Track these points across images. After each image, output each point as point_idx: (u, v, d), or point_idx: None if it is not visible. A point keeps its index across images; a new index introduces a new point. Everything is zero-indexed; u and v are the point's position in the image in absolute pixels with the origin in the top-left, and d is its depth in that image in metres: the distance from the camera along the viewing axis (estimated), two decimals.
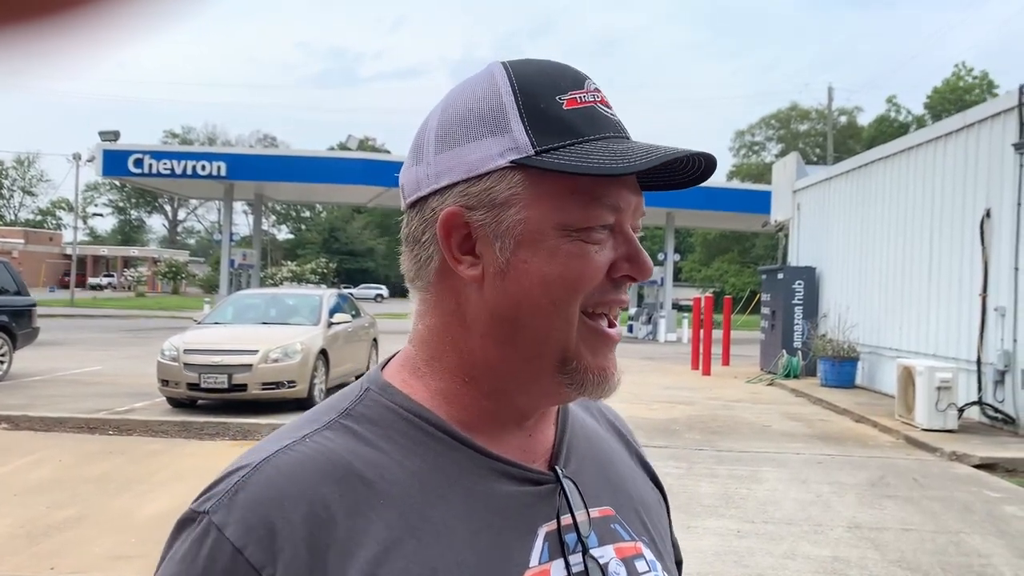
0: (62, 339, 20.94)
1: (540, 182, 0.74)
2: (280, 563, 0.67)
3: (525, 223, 0.75)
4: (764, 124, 61.01)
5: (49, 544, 5.34)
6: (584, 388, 0.77)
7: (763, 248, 52.53)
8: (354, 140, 31.91)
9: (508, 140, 0.74)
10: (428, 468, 0.75)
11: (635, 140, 0.78)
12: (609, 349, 0.79)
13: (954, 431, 10.02)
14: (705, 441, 9.50)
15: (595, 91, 0.78)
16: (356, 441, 0.75)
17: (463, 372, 0.79)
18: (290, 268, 48.22)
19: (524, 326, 0.76)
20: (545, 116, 0.74)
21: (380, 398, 0.79)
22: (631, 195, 0.78)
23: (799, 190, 19.22)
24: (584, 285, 0.75)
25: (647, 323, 30.06)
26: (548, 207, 0.74)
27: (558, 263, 0.74)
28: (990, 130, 11.21)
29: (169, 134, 79.68)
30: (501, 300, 0.76)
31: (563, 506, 0.79)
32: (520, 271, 0.75)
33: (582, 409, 0.95)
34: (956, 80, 52.81)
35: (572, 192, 0.74)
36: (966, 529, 6.25)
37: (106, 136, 27.25)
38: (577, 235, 0.75)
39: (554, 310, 0.75)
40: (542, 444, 0.84)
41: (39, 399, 11.03)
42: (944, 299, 12.20)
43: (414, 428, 0.77)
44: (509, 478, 0.78)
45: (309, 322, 11.72)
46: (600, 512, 0.83)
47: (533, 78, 0.76)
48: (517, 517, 0.77)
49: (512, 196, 0.75)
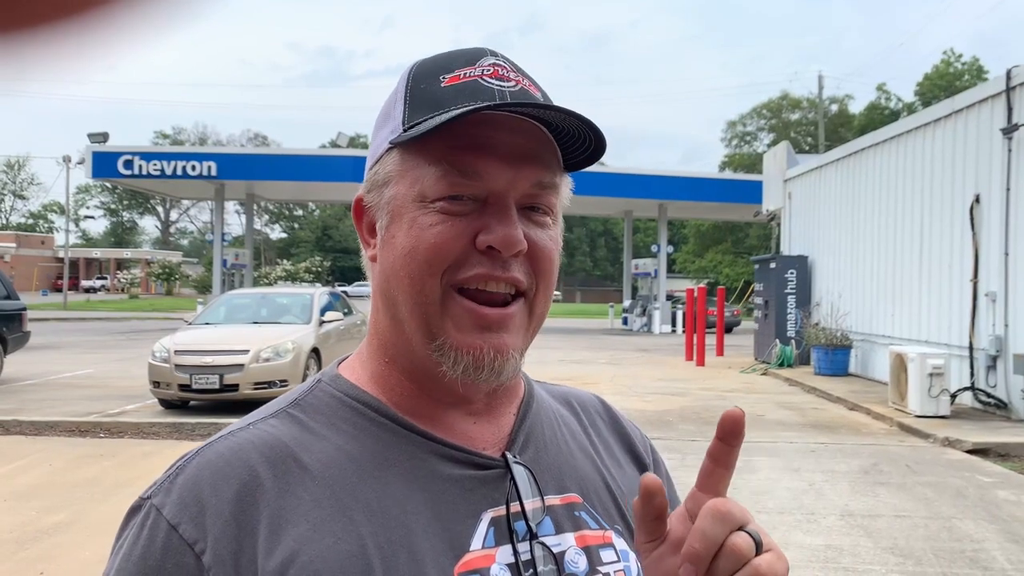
0: (55, 343, 20.87)
1: (406, 158, 0.77)
2: (210, 538, 0.68)
3: (394, 199, 0.77)
4: (755, 114, 60.96)
5: (38, 549, 5.31)
6: (457, 367, 0.75)
7: (756, 238, 52.58)
8: (344, 138, 31.78)
9: (392, 124, 0.79)
10: (367, 451, 0.76)
11: (505, 102, 0.74)
12: (478, 326, 0.75)
13: (947, 417, 10.04)
14: (699, 432, 9.49)
15: (491, 65, 0.77)
16: (299, 428, 0.77)
17: (382, 353, 0.82)
18: (284, 267, 48.13)
19: (397, 301, 0.77)
20: (422, 96, 0.77)
21: (328, 388, 0.81)
22: (504, 164, 0.75)
23: (790, 179, 19.22)
24: (436, 257, 0.74)
25: (641, 315, 30.07)
26: (410, 181, 0.76)
27: (413, 235, 0.75)
28: (978, 115, 11.22)
29: (159, 135, 79.35)
30: (381, 276, 0.79)
31: (513, 492, 0.78)
32: (390, 246, 0.77)
33: (559, 400, 0.94)
34: (946, 67, 52.83)
35: (429, 163, 0.75)
36: (959, 515, 6.25)
37: (95, 138, 27.13)
38: (433, 206, 0.75)
39: (411, 283, 0.75)
40: (496, 432, 0.83)
41: (30, 403, 10.98)
42: (935, 285, 12.21)
43: (356, 414, 0.78)
44: (452, 461, 0.78)
45: (300, 321, 11.69)
46: (563, 500, 0.82)
47: (429, 65, 0.80)
48: (459, 501, 0.76)
49: (388, 175, 0.78)
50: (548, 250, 0.78)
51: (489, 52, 0.79)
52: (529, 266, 0.77)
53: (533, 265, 0.77)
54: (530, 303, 0.78)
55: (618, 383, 13.53)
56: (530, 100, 0.76)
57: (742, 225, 50.57)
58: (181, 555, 0.68)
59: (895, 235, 13.75)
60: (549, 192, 0.78)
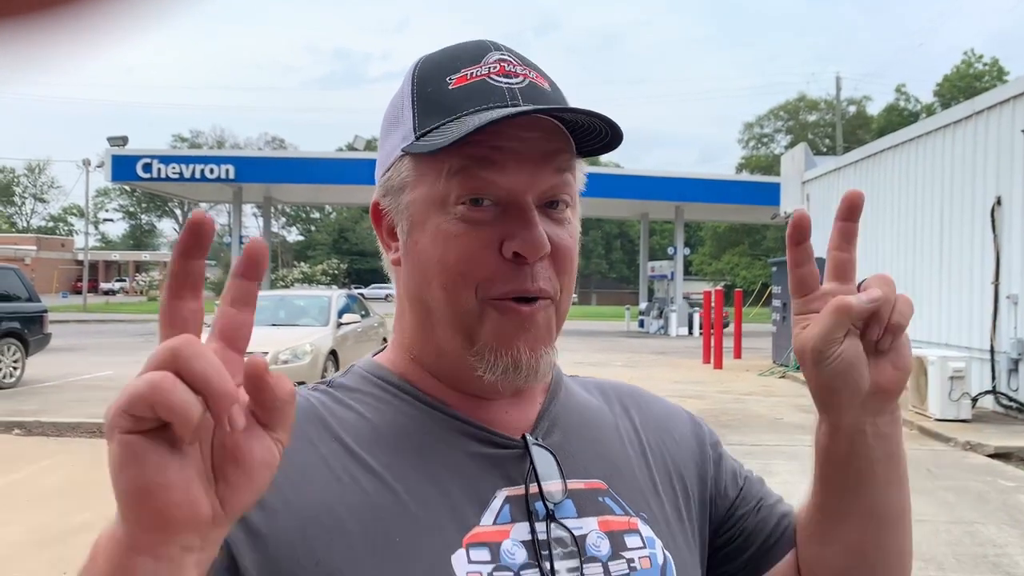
0: (75, 345, 21.06)
1: (421, 164, 0.77)
2: None
3: (412, 205, 0.78)
4: (772, 116, 60.71)
5: (61, 550, 5.36)
6: (495, 369, 0.76)
7: (773, 240, 52.30)
8: (361, 140, 31.92)
9: (403, 130, 0.79)
10: (386, 421, 0.79)
11: (520, 103, 0.75)
12: (517, 327, 0.76)
13: (968, 421, 9.95)
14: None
15: (496, 61, 0.78)
16: (329, 399, 0.81)
17: (406, 351, 0.84)
18: (301, 270, 48.33)
19: (431, 308, 0.78)
20: (430, 100, 0.77)
21: (360, 371, 0.85)
22: (520, 164, 0.75)
23: (808, 181, 19.11)
24: (468, 269, 0.75)
25: (658, 317, 29.98)
26: (428, 187, 0.77)
27: (440, 244, 0.76)
28: (999, 117, 11.12)
29: (178, 138, 79.88)
30: (410, 282, 0.80)
31: (531, 473, 0.78)
32: (415, 253, 0.79)
33: (590, 389, 0.95)
34: (966, 67, 52.41)
35: (447, 170, 0.75)
36: (980, 519, 6.20)
37: (114, 141, 27.37)
38: (455, 211, 0.75)
39: (445, 295, 0.76)
40: (521, 417, 0.84)
41: (52, 404, 11.08)
42: (956, 288, 12.11)
43: (381, 390, 0.82)
44: (471, 438, 0.79)
45: (318, 323, 11.75)
46: (587, 484, 0.82)
47: (431, 65, 0.80)
48: (474, 476, 0.77)
49: (405, 180, 0.79)
50: (569, 248, 0.79)
51: (492, 46, 0.79)
52: (552, 267, 0.78)
53: (556, 265, 0.78)
54: (556, 303, 0.80)
55: (635, 384, 13.41)
56: (539, 94, 0.77)
57: (759, 227, 50.30)
58: None
59: (915, 237, 13.65)
60: (567, 183, 0.79)
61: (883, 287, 0.75)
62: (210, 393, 0.48)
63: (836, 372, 0.76)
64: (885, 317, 0.75)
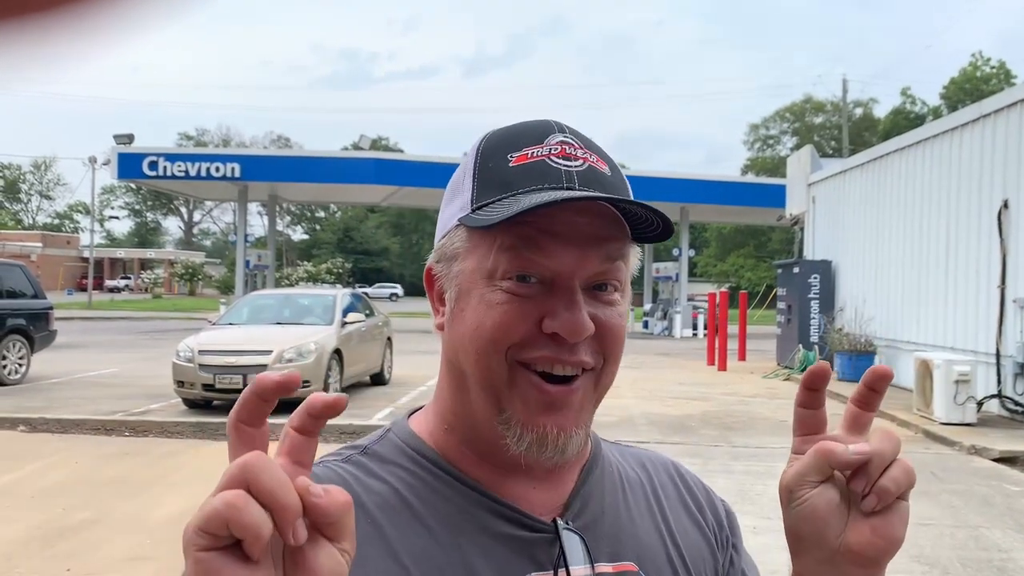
0: (80, 342, 21.10)
1: (475, 236, 0.79)
2: None
3: (462, 274, 0.79)
4: (778, 117, 60.67)
5: (65, 546, 5.37)
6: (521, 442, 0.76)
7: (779, 242, 52.26)
8: (366, 140, 31.97)
9: (462, 200, 0.81)
10: (420, 499, 0.79)
11: (576, 186, 0.76)
12: (544, 405, 0.76)
13: (973, 425, 9.91)
14: (720, 437, 9.45)
15: (558, 143, 0.79)
16: (363, 472, 0.81)
17: (442, 420, 0.84)
18: (306, 268, 48.38)
19: (465, 374, 0.79)
20: (490, 174, 0.79)
21: (394, 438, 0.85)
22: (570, 246, 0.75)
23: (814, 183, 19.08)
24: (501, 334, 0.75)
25: (663, 319, 29.95)
26: (479, 258, 0.78)
27: (481, 311, 0.77)
28: (1007, 120, 11.08)
29: (183, 136, 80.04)
30: (449, 347, 0.82)
31: (560, 559, 0.79)
32: (459, 319, 0.79)
33: (630, 461, 0.94)
34: (973, 70, 52.30)
35: (497, 243, 0.76)
36: (986, 523, 6.18)
37: (120, 139, 27.43)
38: (501, 284, 0.76)
39: (477, 359, 0.77)
40: (554, 497, 0.83)
41: (56, 401, 11.11)
42: (962, 291, 12.07)
43: (415, 464, 0.82)
44: (502, 519, 0.79)
45: (323, 322, 11.75)
46: (615, 568, 0.82)
47: (498, 140, 0.81)
48: (504, 559, 0.77)
49: (457, 250, 0.80)
50: (616, 328, 0.79)
51: (556, 127, 0.81)
52: (597, 345, 0.77)
53: (601, 344, 0.78)
54: (596, 376, 0.79)
55: (640, 387, 13.47)
56: (596, 178, 0.78)
57: (764, 229, 50.27)
58: None
59: (921, 240, 13.61)
60: (617, 269, 0.79)
61: (882, 443, 0.71)
62: (276, 507, 0.49)
63: (801, 516, 0.74)
64: (874, 475, 0.69)
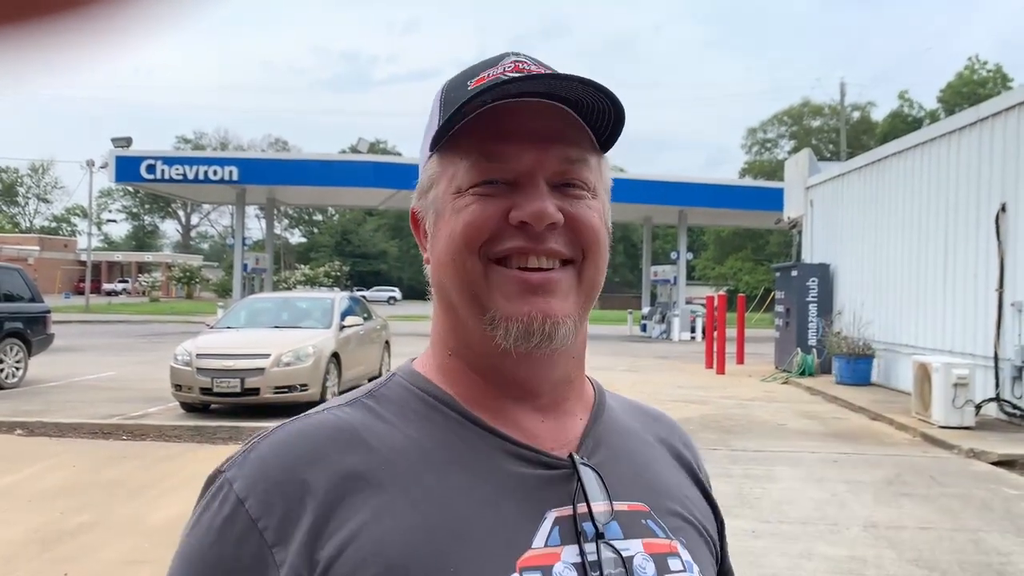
0: (77, 345, 21.07)
1: (443, 159, 0.81)
2: (275, 516, 0.72)
3: (436, 199, 0.82)
4: (777, 121, 60.66)
5: (62, 550, 5.35)
6: (508, 336, 0.77)
7: (777, 245, 52.28)
8: (364, 143, 31.93)
9: (431, 134, 0.82)
10: (433, 441, 0.78)
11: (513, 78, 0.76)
12: (524, 291, 0.77)
13: (971, 428, 9.91)
14: (719, 440, 9.44)
15: (512, 62, 0.81)
16: (370, 415, 0.80)
17: (444, 347, 0.85)
18: (303, 272, 48.38)
19: (447, 287, 0.80)
20: (453, 102, 0.78)
21: (401, 380, 0.85)
22: (530, 145, 0.77)
23: (812, 186, 19.10)
24: (472, 234, 0.77)
25: (660, 322, 29.95)
26: (448, 178, 0.81)
27: (453, 220, 0.79)
28: (1004, 123, 11.10)
29: (181, 139, 80.00)
30: (434, 271, 0.83)
31: (580, 493, 0.78)
32: (436, 239, 0.82)
33: (630, 411, 0.96)
34: (970, 74, 52.35)
35: (462, 158, 0.79)
36: (985, 527, 6.17)
37: (118, 142, 27.37)
38: (468, 193, 0.78)
39: (454, 266, 0.79)
40: (564, 434, 0.84)
41: (54, 405, 11.09)
42: (960, 295, 12.08)
43: (425, 406, 0.81)
44: (518, 459, 0.79)
45: (321, 325, 11.73)
46: (631, 507, 0.82)
47: (459, 75, 0.84)
48: (522, 498, 0.77)
49: (430, 179, 0.83)
50: (588, 218, 0.80)
51: (512, 53, 0.83)
52: (572, 237, 0.79)
53: (575, 235, 0.79)
54: (578, 269, 0.80)
55: (638, 390, 13.44)
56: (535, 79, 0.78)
57: (762, 232, 50.26)
58: (246, 530, 0.72)
59: (919, 243, 13.62)
60: (581, 167, 0.80)
61: None
62: None
63: None
64: None
